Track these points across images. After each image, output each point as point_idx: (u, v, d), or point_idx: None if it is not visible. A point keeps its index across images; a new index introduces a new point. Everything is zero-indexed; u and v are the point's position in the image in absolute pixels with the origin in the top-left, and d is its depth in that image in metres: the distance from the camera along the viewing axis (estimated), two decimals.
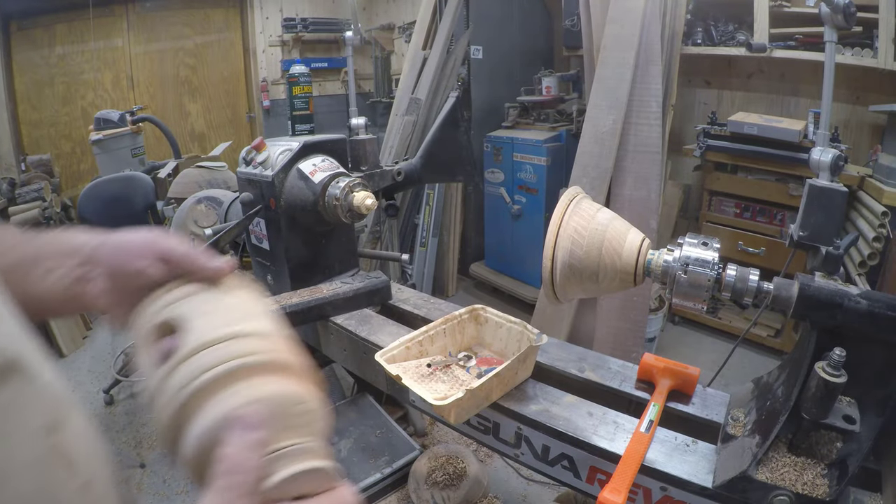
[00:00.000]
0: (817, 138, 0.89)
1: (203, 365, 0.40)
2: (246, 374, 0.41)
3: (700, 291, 0.74)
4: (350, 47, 2.07)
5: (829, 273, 0.72)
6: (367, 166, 1.52)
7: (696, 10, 2.94)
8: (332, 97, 5.37)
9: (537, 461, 0.90)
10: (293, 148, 1.35)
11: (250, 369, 0.41)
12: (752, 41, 2.69)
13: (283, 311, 1.21)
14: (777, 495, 0.66)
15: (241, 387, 0.40)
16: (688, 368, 0.90)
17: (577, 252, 0.82)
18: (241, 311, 0.47)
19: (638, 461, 0.74)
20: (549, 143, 3.21)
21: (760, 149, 2.69)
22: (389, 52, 4.98)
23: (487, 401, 0.90)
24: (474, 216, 3.91)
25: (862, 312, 0.63)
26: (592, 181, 2.46)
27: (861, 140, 2.68)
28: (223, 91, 5.20)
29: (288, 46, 5.18)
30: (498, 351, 1.05)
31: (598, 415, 0.88)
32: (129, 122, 3.47)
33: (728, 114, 2.91)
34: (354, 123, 1.59)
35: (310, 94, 2.90)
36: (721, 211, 3.03)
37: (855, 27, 2.18)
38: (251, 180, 1.39)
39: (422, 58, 3.47)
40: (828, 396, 0.62)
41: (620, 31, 2.41)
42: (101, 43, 4.51)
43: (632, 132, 2.43)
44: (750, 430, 0.76)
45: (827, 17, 0.85)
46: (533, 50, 3.81)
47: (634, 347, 2.43)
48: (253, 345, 0.43)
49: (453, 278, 3.81)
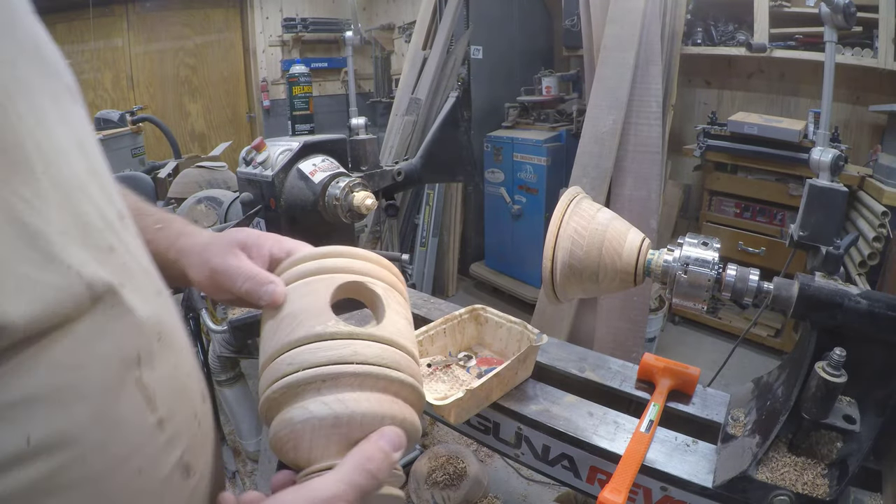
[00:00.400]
0: (817, 138, 0.89)
1: (397, 362, 0.44)
2: (413, 397, 0.45)
3: (700, 291, 0.74)
4: (350, 47, 2.06)
5: (830, 273, 0.72)
6: (367, 166, 1.52)
7: (696, 10, 2.94)
8: (332, 97, 5.37)
9: (537, 461, 0.90)
10: (293, 148, 1.35)
11: (415, 394, 0.45)
12: (752, 41, 2.69)
13: None
14: (777, 495, 0.66)
15: (406, 406, 0.44)
16: (688, 368, 0.90)
17: (577, 252, 0.82)
18: (412, 328, 0.50)
19: (638, 461, 0.74)
20: (549, 143, 3.21)
21: (760, 149, 2.69)
22: (389, 52, 4.98)
23: (487, 401, 0.90)
24: (474, 216, 3.91)
25: (862, 312, 0.63)
26: (592, 181, 2.46)
27: (861, 140, 2.68)
28: (223, 91, 5.20)
29: (288, 46, 5.18)
30: (498, 351, 1.05)
31: (598, 415, 0.88)
32: (129, 122, 3.47)
33: (728, 114, 2.91)
34: (354, 123, 1.59)
35: (310, 94, 2.89)
36: (721, 211, 3.04)
37: (855, 27, 2.18)
38: (251, 180, 1.39)
39: (422, 58, 3.47)
40: (828, 396, 0.62)
41: (620, 31, 2.41)
42: (101, 43, 4.51)
43: (632, 132, 2.43)
44: (750, 430, 0.76)
45: (827, 17, 0.85)
46: (533, 50, 3.81)
47: (634, 347, 2.43)
48: (418, 372, 0.47)
49: (453, 278, 3.81)
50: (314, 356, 0.41)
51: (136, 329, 0.37)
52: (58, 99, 0.37)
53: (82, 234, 0.34)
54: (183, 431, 0.42)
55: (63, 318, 0.31)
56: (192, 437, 0.43)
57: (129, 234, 0.43)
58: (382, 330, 0.44)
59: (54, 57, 0.39)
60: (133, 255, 0.41)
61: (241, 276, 0.49)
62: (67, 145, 0.36)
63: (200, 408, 0.46)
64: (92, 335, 0.33)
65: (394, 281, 0.51)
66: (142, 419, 0.37)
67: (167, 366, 0.41)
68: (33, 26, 0.36)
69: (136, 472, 0.36)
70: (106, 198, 0.40)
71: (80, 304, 0.32)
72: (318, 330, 0.42)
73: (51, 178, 0.32)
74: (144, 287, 0.41)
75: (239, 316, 1.20)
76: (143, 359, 0.38)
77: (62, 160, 0.34)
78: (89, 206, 0.36)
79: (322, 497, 0.37)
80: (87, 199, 0.36)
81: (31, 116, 0.32)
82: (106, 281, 0.34)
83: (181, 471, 0.41)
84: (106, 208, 0.39)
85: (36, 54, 0.36)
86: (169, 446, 0.39)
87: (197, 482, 0.43)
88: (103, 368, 0.34)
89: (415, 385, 0.45)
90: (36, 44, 0.36)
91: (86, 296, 0.32)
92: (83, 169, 0.37)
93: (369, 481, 0.39)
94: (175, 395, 0.42)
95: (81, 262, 0.32)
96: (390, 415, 0.42)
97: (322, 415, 0.40)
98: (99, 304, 0.34)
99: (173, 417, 0.40)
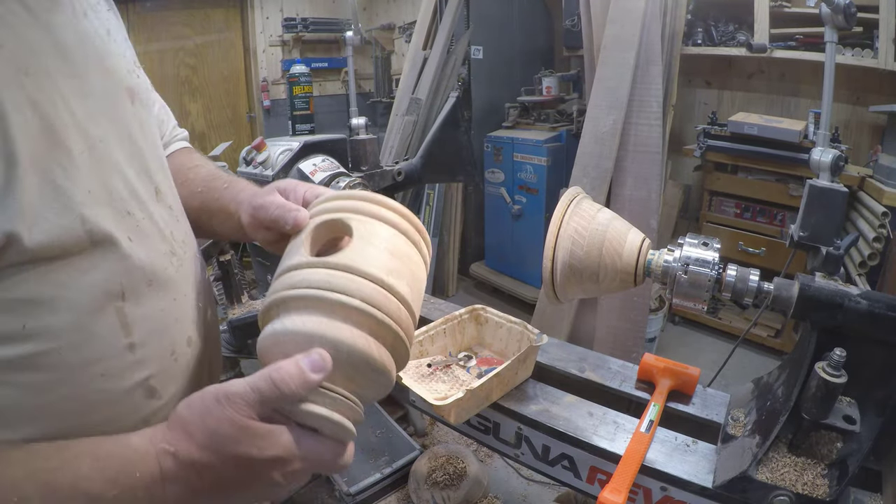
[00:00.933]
0: (817, 138, 0.89)
1: (345, 287, 0.45)
2: (369, 326, 0.45)
3: (700, 291, 0.74)
4: (350, 47, 2.06)
5: (830, 273, 0.72)
6: (367, 166, 1.52)
7: (696, 11, 2.94)
8: (333, 97, 5.36)
9: (537, 461, 0.90)
10: (293, 148, 1.35)
11: (376, 323, 0.45)
12: (753, 41, 2.69)
13: None
14: (777, 495, 0.66)
15: (357, 333, 0.45)
16: (688, 368, 0.90)
17: (577, 252, 0.82)
18: (402, 263, 0.50)
19: (638, 461, 0.74)
20: (550, 143, 3.21)
21: (760, 149, 2.69)
22: (389, 52, 4.98)
23: (487, 401, 0.90)
24: (474, 216, 3.91)
25: (862, 313, 0.63)
26: (592, 181, 2.46)
27: (861, 140, 2.68)
28: (223, 91, 5.19)
29: (288, 46, 5.18)
30: (498, 351, 1.06)
31: (598, 415, 0.88)
32: None
33: (728, 114, 2.91)
34: (355, 123, 1.59)
35: (310, 94, 2.89)
36: (721, 211, 3.03)
37: (855, 27, 2.18)
38: (251, 180, 1.39)
39: (422, 58, 3.47)
40: (828, 396, 0.62)
41: (620, 31, 2.41)
42: None
43: (632, 132, 2.43)
44: (750, 430, 0.76)
45: (827, 17, 0.85)
46: (533, 50, 3.80)
47: (634, 347, 2.43)
48: (390, 304, 0.46)
49: (453, 278, 3.81)
50: (275, 285, 0.48)
51: (125, 270, 0.48)
52: (115, 102, 0.51)
53: (106, 198, 0.47)
54: (153, 359, 0.51)
55: (64, 250, 0.42)
56: (163, 368, 0.53)
57: (162, 207, 0.56)
58: (339, 258, 0.46)
59: (116, 68, 0.52)
60: (155, 222, 0.53)
61: (273, 206, 0.56)
62: (110, 136, 0.49)
63: (182, 349, 0.56)
64: (85, 267, 0.44)
65: (386, 215, 0.51)
66: (114, 338, 0.47)
67: (152, 307, 0.51)
68: (102, 46, 0.51)
69: (100, 376, 0.47)
70: (144, 177, 0.53)
71: (80, 243, 0.44)
72: (286, 264, 0.49)
73: (88, 156, 0.45)
74: (154, 246, 0.52)
75: (239, 316, 1.20)
76: (128, 294, 0.48)
77: (101, 146, 0.47)
78: (118, 181, 0.49)
79: (227, 392, 0.43)
80: (118, 175, 0.49)
81: (82, 113, 0.45)
82: (106, 231, 0.45)
83: (145, 390, 0.51)
84: (138, 185, 0.51)
85: (99, 68, 0.49)
86: (137, 366, 0.49)
87: (161, 406, 0.52)
88: (89, 292, 0.45)
89: (364, 308, 0.44)
90: (100, 59, 0.50)
91: (85, 239, 0.44)
92: (123, 153, 0.50)
93: (270, 387, 0.42)
94: (154, 329, 0.51)
95: (93, 216, 0.44)
96: (320, 335, 0.43)
97: (268, 332, 0.46)
98: (98, 247, 0.45)
99: (146, 345, 0.50)
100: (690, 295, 0.75)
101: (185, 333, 0.56)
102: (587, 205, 0.87)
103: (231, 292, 1.30)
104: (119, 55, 0.54)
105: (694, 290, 0.74)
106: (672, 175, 3.30)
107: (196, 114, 5.12)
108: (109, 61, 0.51)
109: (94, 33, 0.50)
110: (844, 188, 0.80)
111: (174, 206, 0.59)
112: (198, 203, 0.69)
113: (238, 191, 0.67)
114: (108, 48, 0.52)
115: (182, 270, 0.57)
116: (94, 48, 0.49)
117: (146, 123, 0.56)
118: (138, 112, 0.55)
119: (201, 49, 5.00)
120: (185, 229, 0.61)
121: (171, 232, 0.56)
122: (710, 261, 0.74)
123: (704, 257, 0.74)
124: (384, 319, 0.45)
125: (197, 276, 0.61)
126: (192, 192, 0.70)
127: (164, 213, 0.56)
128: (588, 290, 0.87)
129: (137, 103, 0.55)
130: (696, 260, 0.74)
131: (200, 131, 5.16)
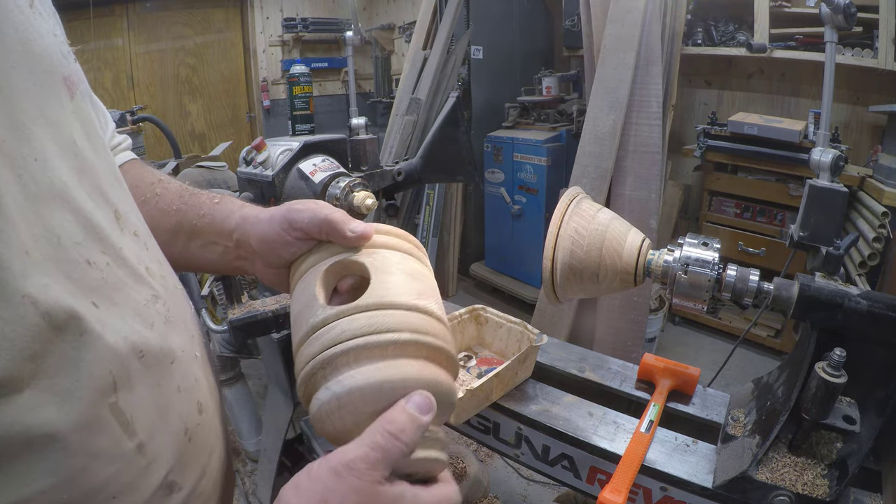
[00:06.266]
0: (817, 139, 0.89)
1: (388, 324, 0.42)
2: (425, 353, 0.43)
3: (700, 292, 0.74)
4: (350, 47, 2.06)
5: (830, 273, 0.72)
6: (367, 166, 1.52)
7: (696, 11, 2.94)
8: (333, 97, 5.37)
9: (537, 461, 0.90)
10: (293, 148, 1.35)
11: (429, 349, 0.44)
12: (753, 41, 2.69)
13: (284, 311, 1.21)
14: (777, 495, 0.66)
15: (418, 364, 0.43)
16: (688, 368, 0.90)
17: (577, 252, 0.82)
18: (424, 283, 0.48)
19: (638, 461, 0.74)
20: (550, 144, 3.21)
21: (760, 149, 2.69)
22: (389, 52, 4.98)
23: (487, 401, 0.90)
24: (474, 216, 3.91)
25: (862, 313, 0.63)
26: (592, 181, 2.46)
27: (861, 140, 2.68)
28: (223, 91, 5.19)
29: (288, 46, 5.18)
30: (498, 351, 1.05)
31: (598, 415, 0.88)
32: (130, 122, 3.46)
33: (728, 114, 2.91)
34: (355, 123, 1.59)
35: (310, 94, 2.90)
36: (721, 211, 3.03)
37: (855, 27, 2.18)
38: (251, 180, 1.39)
39: (422, 58, 3.47)
40: (828, 397, 0.62)
41: (620, 31, 2.41)
42: (101, 43, 4.51)
43: (632, 132, 2.43)
44: (750, 430, 0.76)
45: (827, 17, 0.85)
46: (533, 50, 3.81)
47: (634, 347, 2.43)
48: (433, 326, 0.45)
49: (453, 278, 3.81)
50: (311, 348, 0.43)
51: (109, 354, 0.36)
52: (46, 97, 0.36)
53: (52, 251, 0.33)
54: (167, 451, 0.41)
55: (29, 355, 0.30)
56: (179, 455, 0.43)
57: (127, 235, 0.42)
58: (368, 297, 0.44)
59: (48, 51, 0.37)
60: (123, 260, 0.40)
61: (325, 207, 0.49)
62: (48, 148, 0.35)
63: (194, 421, 0.45)
64: (59, 368, 0.32)
65: (386, 241, 0.50)
66: (119, 447, 0.36)
67: (149, 386, 0.40)
68: (25, 22, 0.35)
69: (112, 499, 0.36)
70: (99, 199, 0.39)
71: (41, 336, 0.31)
72: (311, 322, 0.44)
73: (20, 190, 0.31)
74: (131, 298, 0.40)
75: (239, 316, 1.20)
76: (120, 383, 0.36)
77: (37, 167, 0.33)
78: (65, 218, 0.35)
79: (343, 460, 0.37)
80: (64, 206, 0.35)
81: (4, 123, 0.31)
82: (67, 308, 0.32)
83: (165, 489, 0.41)
84: (94, 213, 0.38)
85: (23, 52, 0.34)
86: (151, 469, 0.39)
87: (185, 497, 0.43)
88: (75, 403, 0.33)
89: (415, 339, 0.43)
90: (24, 40, 0.35)
91: (44, 327, 0.31)
92: (68, 170, 0.36)
93: (389, 441, 0.37)
94: (158, 415, 0.41)
95: (41, 289, 0.31)
96: (388, 380, 0.41)
97: (326, 398, 0.41)
98: (64, 333, 0.32)
99: (154, 437, 0.39)
100: (690, 295, 0.75)
101: (193, 401, 0.46)
102: (587, 205, 0.87)
103: (231, 292, 1.30)
104: (48, 33, 0.38)
105: (694, 291, 0.74)
106: (672, 175, 3.30)
107: (196, 114, 5.12)
108: (37, 43, 0.36)
109: (12, 4, 0.35)
110: (844, 188, 0.80)
111: (140, 230, 0.46)
112: (172, 223, 0.57)
113: (239, 206, 0.57)
114: (32, 24, 0.36)
115: (171, 316, 0.45)
116: (11, 24, 0.34)
117: (90, 123, 0.42)
118: (81, 108, 0.40)
119: (201, 49, 5.00)
120: (158, 257, 0.49)
121: (147, 267, 0.44)
122: (710, 261, 0.74)
123: (704, 257, 0.74)
124: (434, 343, 0.44)
125: (187, 314, 0.50)
126: (165, 211, 0.58)
127: (132, 244, 0.43)
128: (588, 290, 0.87)
129: (78, 97, 0.40)
130: (696, 260, 0.74)
131: (200, 131, 5.16)
